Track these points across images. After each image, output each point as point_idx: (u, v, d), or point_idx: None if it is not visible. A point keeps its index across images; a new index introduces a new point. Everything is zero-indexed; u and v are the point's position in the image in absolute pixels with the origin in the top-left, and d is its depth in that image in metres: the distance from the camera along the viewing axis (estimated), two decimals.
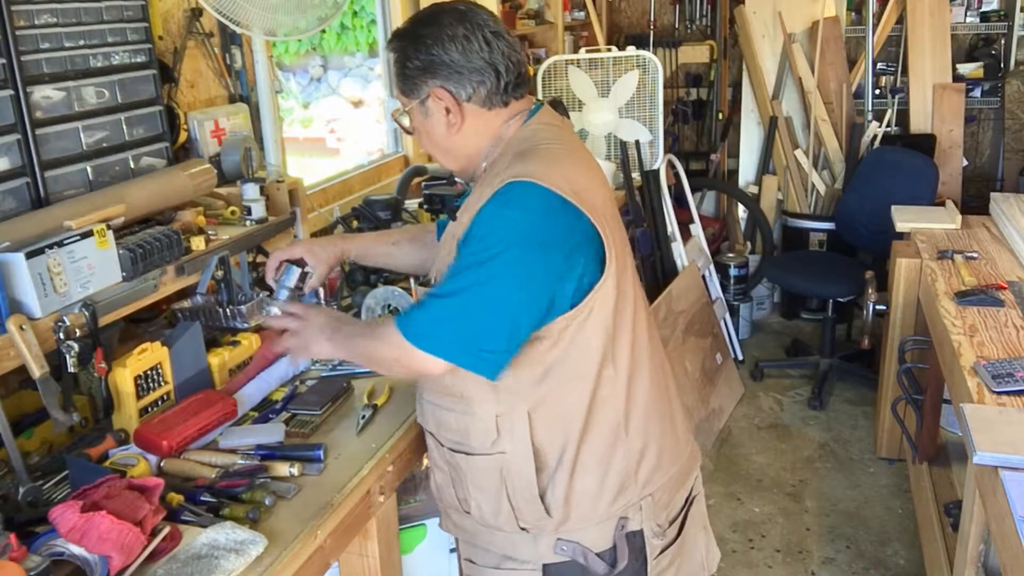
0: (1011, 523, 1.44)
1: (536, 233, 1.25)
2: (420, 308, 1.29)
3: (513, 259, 1.23)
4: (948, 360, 2.18)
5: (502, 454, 1.35)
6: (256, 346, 1.84)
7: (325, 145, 7.70)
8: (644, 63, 3.68)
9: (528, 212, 1.25)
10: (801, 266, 4.03)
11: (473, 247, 1.26)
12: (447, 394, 1.39)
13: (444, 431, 1.43)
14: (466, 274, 1.25)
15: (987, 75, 4.74)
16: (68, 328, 1.45)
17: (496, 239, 1.24)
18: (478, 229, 1.26)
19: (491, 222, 1.26)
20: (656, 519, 1.41)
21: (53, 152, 1.66)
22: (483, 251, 1.24)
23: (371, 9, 6.57)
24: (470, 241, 1.27)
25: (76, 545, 1.18)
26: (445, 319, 1.26)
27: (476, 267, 1.24)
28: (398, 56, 1.36)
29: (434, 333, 1.27)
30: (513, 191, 1.25)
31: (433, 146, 1.42)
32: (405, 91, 1.37)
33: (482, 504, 1.40)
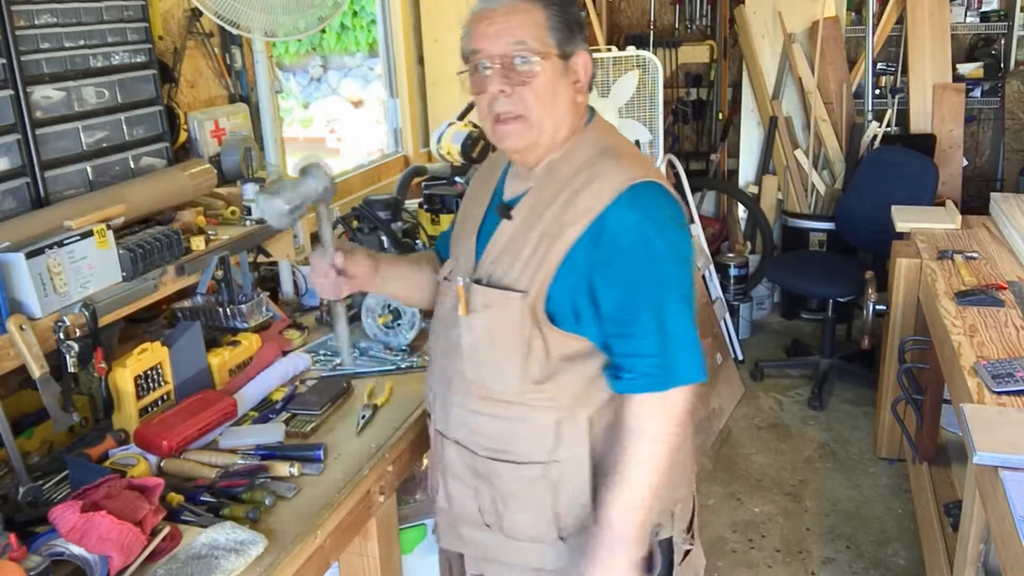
0: (1011, 523, 1.44)
1: (686, 237, 1.25)
2: (648, 360, 1.22)
3: (686, 267, 1.24)
4: (948, 360, 2.18)
5: (556, 463, 1.30)
6: (256, 346, 1.84)
7: (325, 145, 7.70)
8: (644, 63, 3.67)
9: (676, 214, 1.25)
10: (801, 266, 4.03)
11: (640, 263, 1.21)
12: (496, 400, 1.32)
13: (482, 439, 1.35)
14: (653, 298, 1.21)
15: (987, 75, 4.73)
16: (68, 328, 1.45)
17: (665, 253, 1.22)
18: (629, 240, 1.21)
19: (645, 231, 1.21)
20: (682, 525, 1.39)
21: (53, 152, 1.66)
22: (657, 267, 1.21)
23: (371, 9, 6.57)
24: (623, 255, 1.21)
25: (76, 545, 1.18)
26: (677, 348, 1.22)
27: (656, 286, 1.21)
28: (559, 9, 1.26)
29: (679, 366, 1.22)
30: (647, 195, 1.23)
31: (548, 106, 1.26)
32: (559, 38, 1.25)
33: (517, 515, 1.34)
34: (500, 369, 1.30)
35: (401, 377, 1.83)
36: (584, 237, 1.23)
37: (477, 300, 1.31)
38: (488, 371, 1.32)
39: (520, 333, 1.27)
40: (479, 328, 1.31)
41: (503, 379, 1.30)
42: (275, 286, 2.25)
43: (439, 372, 1.42)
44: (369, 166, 3.25)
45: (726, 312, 4.09)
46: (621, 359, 1.25)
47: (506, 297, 1.27)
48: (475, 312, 1.31)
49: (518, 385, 1.29)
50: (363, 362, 1.90)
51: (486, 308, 1.30)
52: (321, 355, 1.92)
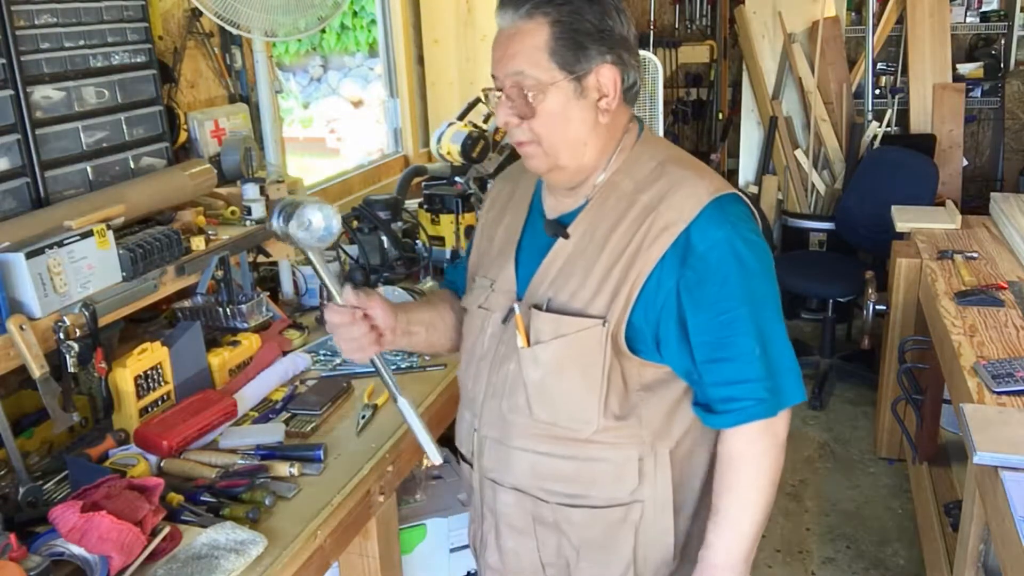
0: (1011, 523, 1.44)
1: (768, 249, 1.18)
2: (754, 384, 1.13)
3: (774, 283, 1.17)
4: (948, 360, 2.18)
5: (638, 503, 1.20)
6: (256, 346, 1.84)
7: (325, 145, 7.70)
8: (644, 63, 3.67)
9: (755, 228, 1.17)
10: (801, 266, 4.03)
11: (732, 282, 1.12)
12: (570, 439, 1.19)
13: (551, 483, 1.22)
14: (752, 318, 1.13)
15: (987, 75, 4.73)
16: (68, 328, 1.45)
17: (757, 270, 1.14)
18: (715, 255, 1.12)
19: (735, 248, 1.12)
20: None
21: (53, 152, 1.66)
22: (750, 285, 1.13)
23: (371, 9, 6.57)
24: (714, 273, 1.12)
25: (76, 545, 1.18)
26: (781, 369, 1.16)
27: (757, 304, 1.14)
28: (562, 15, 1.11)
29: (785, 388, 1.16)
30: (729, 208, 1.14)
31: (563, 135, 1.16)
32: (564, 59, 1.12)
33: (590, 566, 1.24)
34: (575, 405, 1.18)
35: (401, 377, 1.83)
36: (667, 256, 1.13)
37: (544, 329, 1.17)
38: (561, 408, 1.19)
39: (598, 364, 1.15)
40: (547, 360, 1.17)
41: (578, 416, 1.18)
42: (275, 286, 2.25)
43: (489, 414, 1.26)
44: (369, 166, 3.25)
45: None
46: (722, 388, 1.14)
47: (581, 324, 1.15)
48: (542, 343, 1.17)
49: (597, 421, 1.17)
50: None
51: (558, 337, 1.16)
52: (321, 355, 1.92)
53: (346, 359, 1.68)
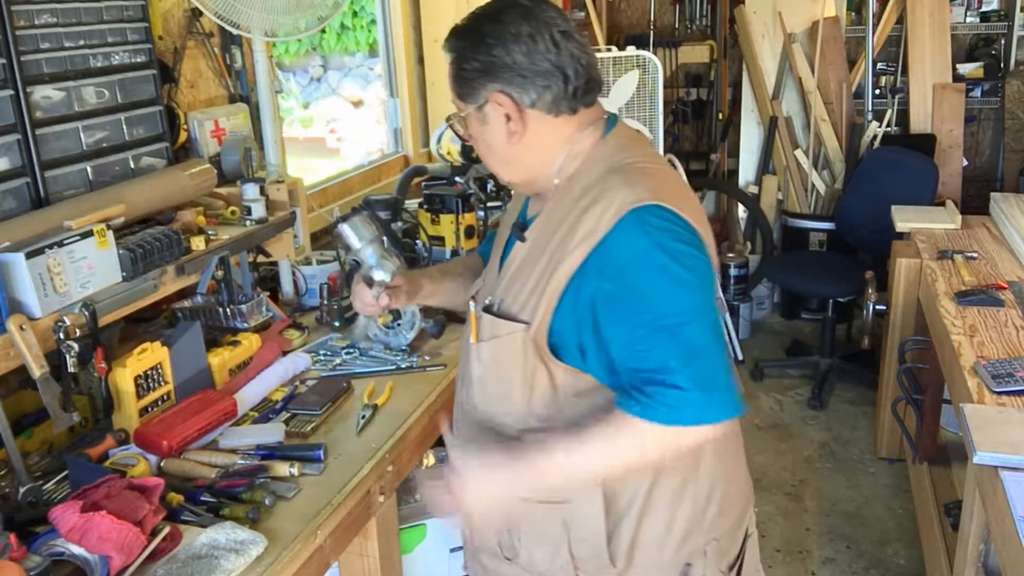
0: (1011, 523, 1.44)
1: (700, 257, 1.15)
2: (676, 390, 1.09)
3: (702, 289, 1.13)
4: (948, 360, 2.18)
5: (569, 503, 1.24)
6: (256, 346, 1.84)
7: (325, 145, 7.70)
8: (644, 63, 3.68)
9: (679, 243, 1.13)
10: (801, 266, 4.03)
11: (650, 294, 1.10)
12: (503, 434, 1.26)
13: None
14: (676, 327, 1.10)
15: (987, 75, 4.74)
16: (68, 328, 1.45)
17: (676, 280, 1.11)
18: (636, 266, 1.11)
19: (650, 257, 1.11)
20: (719, 565, 1.32)
21: (53, 152, 1.66)
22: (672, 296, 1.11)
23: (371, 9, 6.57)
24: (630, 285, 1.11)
25: (76, 545, 1.18)
26: (704, 384, 1.09)
27: (682, 315, 1.10)
28: (455, 56, 1.22)
29: (703, 402, 1.10)
30: (650, 218, 1.12)
31: (492, 156, 1.27)
32: (461, 95, 1.23)
33: (535, 553, 1.29)
34: (505, 403, 1.24)
35: (401, 377, 1.83)
36: (585, 265, 1.14)
37: (485, 329, 1.25)
38: (496, 404, 1.26)
39: (524, 367, 1.20)
40: (486, 359, 1.25)
41: (507, 413, 1.24)
42: (275, 286, 2.25)
43: (457, 402, 1.38)
44: (369, 166, 3.25)
45: (726, 312, 4.09)
46: (646, 386, 1.11)
47: (509, 328, 1.21)
48: (483, 341, 1.25)
49: (523, 421, 1.23)
50: (363, 362, 1.90)
51: (492, 338, 1.23)
52: (321, 355, 1.92)
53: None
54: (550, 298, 1.17)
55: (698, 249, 1.15)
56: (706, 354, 1.10)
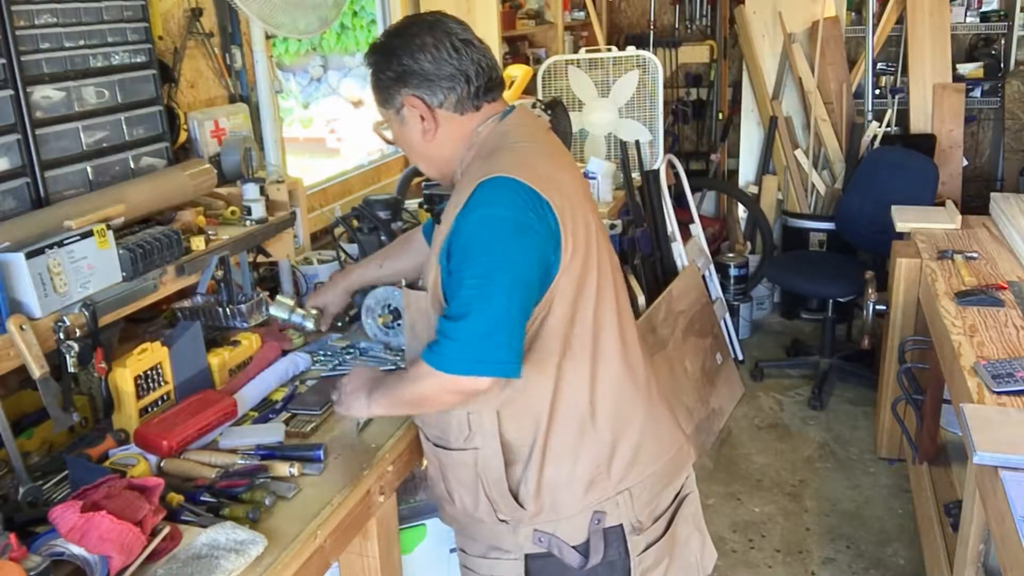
0: (1011, 523, 1.44)
1: (516, 224, 1.27)
2: (445, 337, 1.28)
3: (507, 257, 1.26)
4: (948, 360, 2.18)
5: (476, 450, 1.39)
6: (256, 346, 1.84)
7: (325, 145, 7.69)
8: (644, 63, 3.68)
9: (504, 207, 1.27)
10: (801, 266, 4.03)
11: (464, 256, 1.28)
12: None
13: (427, 428, 1.49)
14: (471, 288, 1.26)
15: (987, 75, 4.74)
16: (68, 328, 1.45)
17: (482, 244, 1.27)
18: (461, 237, 1.28)
19: (471, 226, 1.28)
20: (637, 515, 1.42)
21: (53, 152, 1.66)
22: (475, 259, 1.27)
23: (371, 9, 6.56)
24: (457, 250, 1.29)
25: (76, 545, 1.18)
26: (474, 339, 1.26)
27: (477, 278, 1.26)
28: (374, 69, 1.41)
29: (468, 356, 1.26)
30: (484, 191, 1.28)
31: (412, 153, 1.47)
32: (382, 101, 1.43)
33: (464, 497, 1.44)
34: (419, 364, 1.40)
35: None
36: (450, 235, 1.31)
37: (408, 301, 1.46)
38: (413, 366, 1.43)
39: (427, 327, 1.37)
40: (407, 326, 1.48)
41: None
42: (275, 286, 2.25)
43: None
44: (369, 166, 3.25)
45: (726, 312, 4.09)
46: (437, 336, 1.30)
47: (417, 297, 1.42)
48: (406, 310, 1.48)
49: None
50: (363, 362, 1.90)
51: (408, 307, 1.46)
52: (321, 355, 1.92)
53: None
54: (434, 265, 1.36)
55: (526, 219, 1.27)
56: (491, 312, 1.25)
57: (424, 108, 1.38)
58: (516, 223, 1.27)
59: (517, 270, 1.26)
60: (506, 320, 1.26)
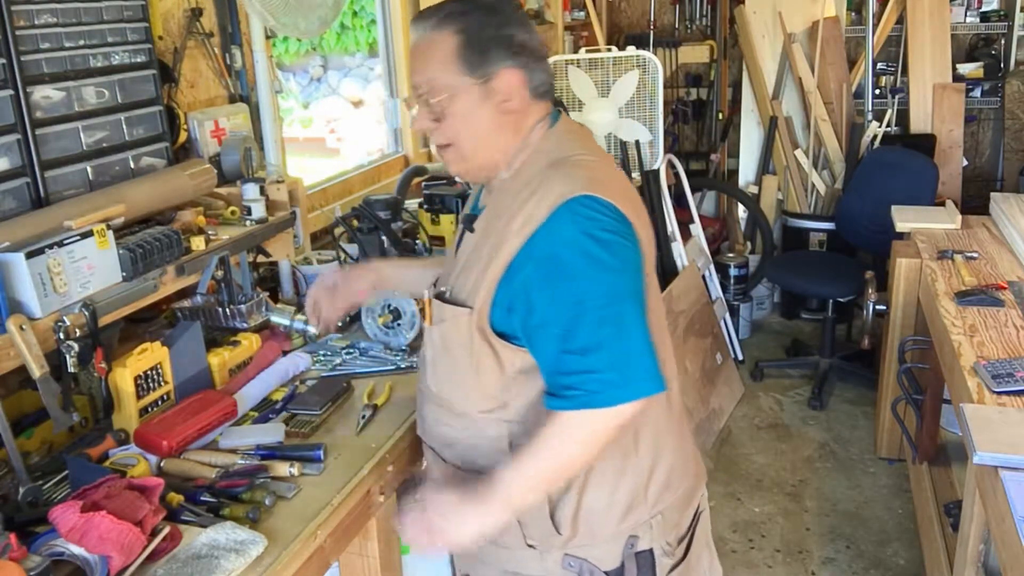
0: (1011, 523, 1.44)
1: (621, 244, 1.19)
2: (588, 372, 1.15)
3: (625, 275, 1.18)
4: (948, 360, 2.18)
5: None
6: (256, 346, 1.84)
7: (325, 145, 7.69)
8: (644, 63, 3.68)
9: (605, 230, 1.18)
10: (801, 266, 4.03)
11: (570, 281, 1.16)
12: (455, 413, 1.34)
13: (448, 450, 1.38)
14: (596, 311, 1.16)
15: (987, 75, 4.74)
16: (68, 328, 1.45)
17: (596, 266, 1.16)
18: (557, 263, 1.17)
19: (571, 250, 1.16)
20: (666, 537, 1.36)
21: (53, 152, 1.66)
22: (591, 282, 1.16)
23: (371, 9, 6.57)
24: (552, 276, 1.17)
25: (76, 545, 1.18)
26: (625, 363, 1.16)
27: (602, 298, 1.16)
28: (467, 24, 1.21)
29: (625, 381, 1.15)
30: (576, 211, 1.17)
31: (463, 137, 1.26)
32: (471, 65, 1.22)
33: None
34: (456, 383, 1.32)
35: (401, 377, 1.83)
36: (521, 253, 1.20)
37: (436, 314, 1.33)
38: (447, 385, 1.34)
39: (470, 348, 1.26)
40: (436, 342, 1.33)
41: (459, 393, 1.32)
42: (275, 286, 2.25)
43: (418, 385, 1.46)
44: (369, 166, 3.25)
45: (726, 312, 4.09)
46: (565, 377, 1.18)
47: (455, 313, 1.28)
48: (435, 325, 1.33)
49: (474, 400, 1.30)
50: (363, 362, 1.90)
51: (440, 322, 1.31)
52: (321, 355, 1.92)
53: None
54: (490, 284, 1.23)
55: (625, 237, 1.20)
56: (624, 335, 1.16)
57: (521, 88, 1.23)
58: (620, 243, 1.19)
59: (635, 286, 1.20)
60: (645, 335, 1.18)
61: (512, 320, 1.24)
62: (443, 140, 1.28)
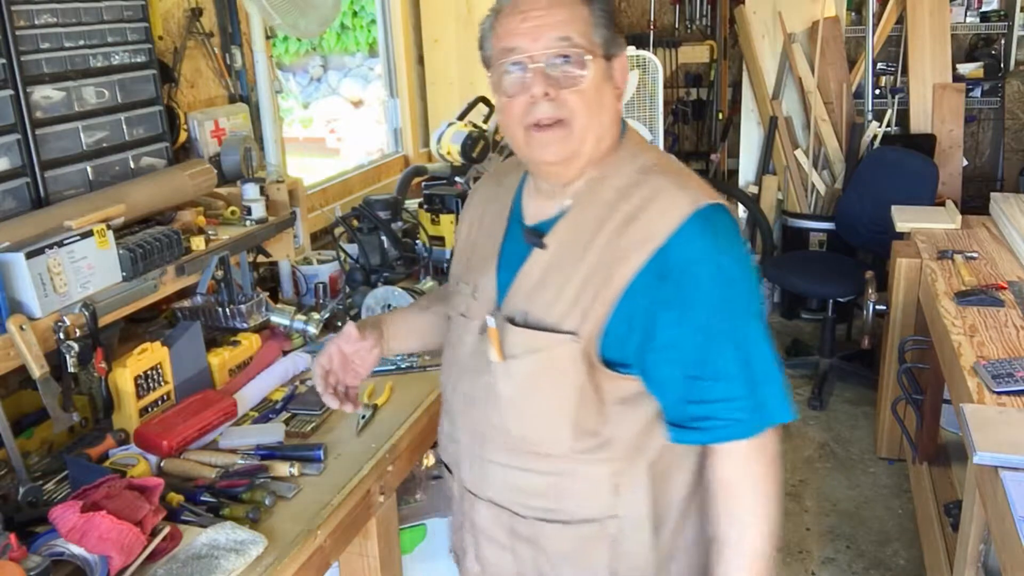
0: (1011, 523, 1.44)
1: (750, 259, 1.13)
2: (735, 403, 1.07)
3: (755, 295, 1.13)
4: (948, 360, 2.17)
5: (614, 518, 1.17)
6: (256, 346, 1.84)
7: (325, 145, 7.70)
8: (644, 63, 3.67)
9: (738, 242, 1.12)
10: (801, 266, 4.03)
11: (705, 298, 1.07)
12: (544, 455, 1.16)
13: (526, 498, 1.19)
14: (735, 331, 1.08)
15: (987, 75, 4.74)
16: (68, 328, 1.45)
17: (734, 285, 1.09)
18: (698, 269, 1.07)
19: (709, 265, 1.08)
20: None
21: (53, 152, 1.66)
22: (730, 302, 1.08)
23: (371, 9, 6.57)
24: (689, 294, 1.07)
25: (76, 545, 1.18)
26: (766, 387, 1.09)
27: (740, 318, 1.09)
28: (601, 4, 1.13)
29: (770, 406, 1.09)
30: (710, 221, 1.08)
31: (581, 116, 1.11)
32: (603, 37, 1.11)
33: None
34: (549, 421, 1.15)
35: (401, 377, 1.83)
36: (645, 270, 1.08)
37: (516, 343, 1.14)
38: (535, 423, 1.16)
39: (572, 380, 1.11)
40: (521, 375, 1.14)
41: (552, 431, 1.15)
42: (275, 286, 2.25)
43: (466, 425, 1.25)
44: (369, 166, 3.25)
45: None
46: (698, 406, 1.09)
47: (553, 340, 1.11)
48: (515, 358, 1.14)
49: (570, 437, 1.14)
50: None
51: (531, 353, 1.13)
52: None
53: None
54: (603, 306, 1.10)
55: (745, 248, 1.14)
56: (758, 357, 1.09)
57: (624, 70, 1.15)
58: (745, 256, 1.12)
59: (759, 302, 1.13)
60: (774, 355, 1.10)
61: (626, 345, 1.11)
62: (556, 114, 1.10)
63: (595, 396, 1.13)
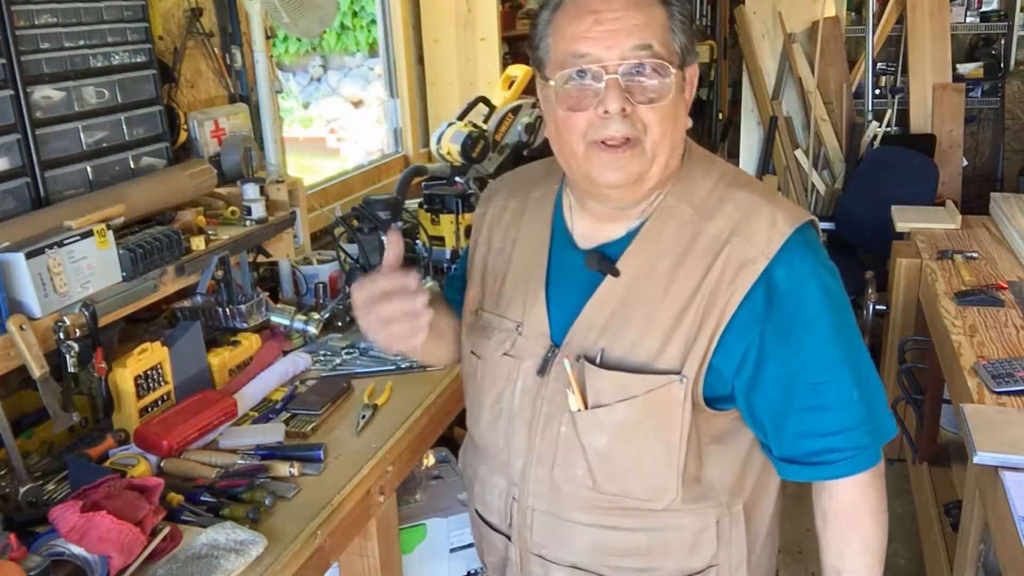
0: (1011, 523, 1.44)
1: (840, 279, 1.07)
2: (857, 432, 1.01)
3: (851, 311, 1.05)
4: (948, 360, 2.17)
5: (713, 567, 1.08)
6: (256, 346, 1.84)
7: (325, 145, 7.70)
8: None
9: (830, 261, 1.05)
10: None
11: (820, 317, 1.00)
12: (643, 510, 1.06)
13: (618, 559, 1.08)
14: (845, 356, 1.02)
15: (987, 75, 4.74)
16: (68, 328, 1.45)
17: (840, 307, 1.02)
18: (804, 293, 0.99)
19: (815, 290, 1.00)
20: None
21: (53, 152, 1.66)
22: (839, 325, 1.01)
23: (371, 9, 6.57)
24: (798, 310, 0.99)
25: (76, 545, 1.18)
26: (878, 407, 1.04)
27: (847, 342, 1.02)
28: (677, 8, 1.00)
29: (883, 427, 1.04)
30: (809, 243, 1.02)
31: (663, 133, 0.99)
32: (682, 46, 1.00)
33: None
34: (653, 474, 1.03)
35: (401, 377, 1.83)
36: (750, 296, 0.98)
37: (605, 388, 1.01)
38: (632, 478, 1.04)
39: (677, 426, 1.00)
40: (615, 425, 1.02)
41: (656, 485, 1.04)
42: (275, 286, 2.25)
43: (536, 484, 1.09)
44: (369, 166, 3.25)
45: None
46: (816, 440, 1.01)
47: (653, 382, 0.99)
48: (605, 405, 1.01)
49: (676, 489, 1.04)
50: (363, 362, 1.90)
51: (626, 399, 1.00)
52: (321, 355, 1.92)
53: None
54: (710, 338, 0.99)
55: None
56: (873, 373, 1.04)
57: (695, 82, 1.05)
58: (838, 272, 1.05)
59: (855, 318, 1.07)
60: (878, 376, 1.07)
61: (731, 380, 1.02)
62: (629, 133, 0.97)
63: (695, 438, 1.03)
